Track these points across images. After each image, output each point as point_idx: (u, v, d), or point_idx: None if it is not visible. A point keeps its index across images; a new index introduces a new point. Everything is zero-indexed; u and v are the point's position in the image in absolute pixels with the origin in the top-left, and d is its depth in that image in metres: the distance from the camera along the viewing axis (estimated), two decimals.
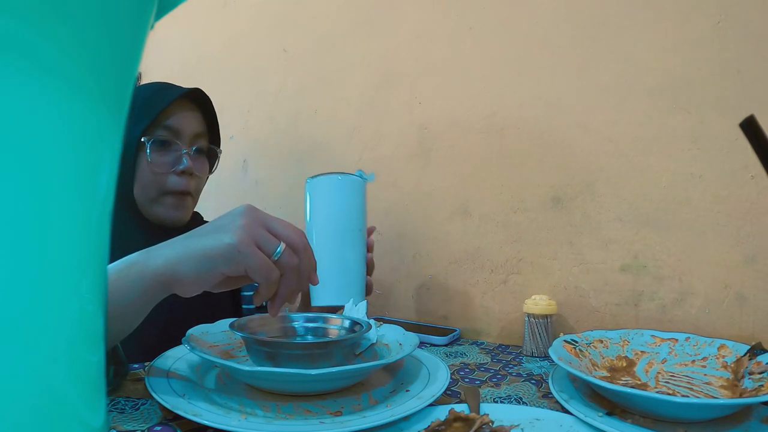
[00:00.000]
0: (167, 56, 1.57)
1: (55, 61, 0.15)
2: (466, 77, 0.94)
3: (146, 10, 0.19)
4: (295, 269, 0.51)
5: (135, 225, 0.76)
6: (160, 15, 0.22)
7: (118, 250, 0.39)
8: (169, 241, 0.51)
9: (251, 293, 0.88)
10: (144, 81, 1.56)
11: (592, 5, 0.81)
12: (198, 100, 0.79)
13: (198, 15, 1.48)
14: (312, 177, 0.73)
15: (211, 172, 0.84)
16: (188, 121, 0.76)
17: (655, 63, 0.76)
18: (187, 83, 0.81)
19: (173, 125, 0.74)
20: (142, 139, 0.72)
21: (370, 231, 0.75)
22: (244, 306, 0.89)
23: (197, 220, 0.87)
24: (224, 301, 0.84)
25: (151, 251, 0.50)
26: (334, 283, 0.69)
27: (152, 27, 0.20)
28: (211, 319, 0.63)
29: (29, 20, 0.14)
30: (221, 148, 0.85)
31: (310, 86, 1.20)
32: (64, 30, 0.15)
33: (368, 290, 0.73)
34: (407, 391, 0.51)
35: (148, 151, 0.72)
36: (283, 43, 1.26)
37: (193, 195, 0.79)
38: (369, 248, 0.74)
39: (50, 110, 0.15)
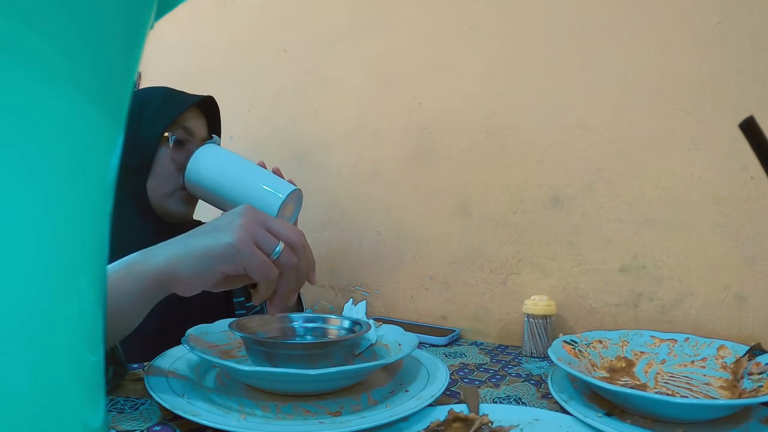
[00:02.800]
0: (167, 56, 1.57)
1: (54, 61, 0.15)
2: (466, 77, 0.94)
3: (146, 10, 0.19)
4: (294, 268, 0.52)
5: (140, 218, 0.78)
6: (160, 15, 0.22)
7: (120, 243, 0.39)
8: (168, 240, 0.51)
9: (242, 299, 0.89)
10: (144, 81, 1.56)
11: (592, 5, 0.81)
12: (205, 108, 0.84)
13: (198, 15, 1.48)
14: (185, 175, 0.76)
15: None
16: (199, 126, 0.82)
17: (655, 63, 0.76)
18: (186, 83, 0.81)
19: (189, 127, 0.79)
20: (166, 134, 0.76)
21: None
22: (237, 312, 0.89)
23: (194, 222, 0.87)
24: (218, 302, 0.84)
25: (150, 251, 0.50)
26: (264, 196, 0.74)
27: (152, 27, 0.20)
28: (205, 320, 0.63)
29: (29, 20, 0.14)
30: None
31: (309, 86, 1.20)
32: (63, 30, 0.15)
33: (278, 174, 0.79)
34: (406, 391, 0.51)
35: (171, 145, 0.76)
36: (283, 43, 1.26)
37: None
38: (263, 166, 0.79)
39: (49, 110, 0.15)
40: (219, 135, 0.88)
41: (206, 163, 0.74)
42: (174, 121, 0.77)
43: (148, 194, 0.78)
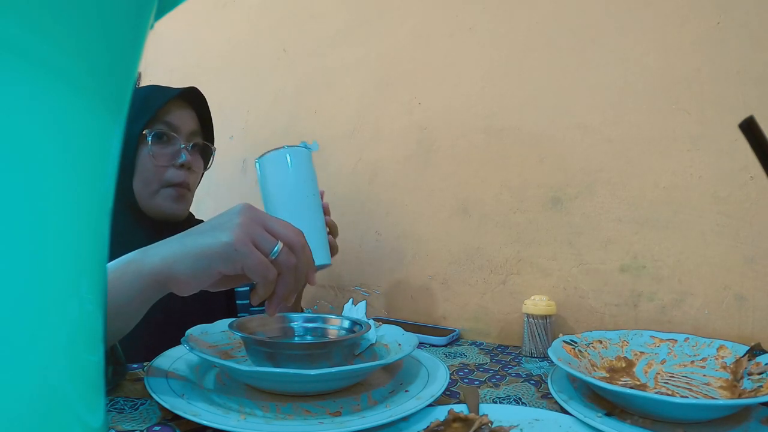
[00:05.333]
0: (167, 56, 1.57)
1: (55, 61, 0.15)
2: (466, 77, 0.94)
3: (146, 10, 0.19)
4: (292, 268, 0.51)
5: (134, 222, 0.77)
6: (160, 15, 0.22)
7: (116, 248, 0.39)
8: (166, 239, 0.50)
9: (247, 288, 0.89)
10: (144, 81, 1.56)
11: (592, 5, 0.81)
12: (192, 100, 0.81)
13: (198, 15, 1.48)
14: (259, 157, 0.74)
15: (206, 168, 0.86)
16: (184, 119, 0.79)
17: (655, 63, 0.76)
18: (186, 83, 0.81)
19: (172, 121, 0.77)
20: (144, 132, 0.74)
21: (321, 195, 0.77)
22: (237, 301, 0.89)
23: (192, 220, 0.87)
24: (219, 301, 0.84)
25: (147, 250, 0.49)
26: None
27: (152, 27, 0.20)
28: (207, 321, 0.63)
29: (29, 20, 0.14)
30: (218, 146, 0.86)
31: (309, 86, 1.20)
32: (63, 30, 0.15)
33: (333, 251, 0.75)
34: (406, 391, 0.51)
35: (149, 142, 0.74)
36: (283, 43, 1.26)
37: (191, 189, 0.81)
38: (326, 211, 0.76)
39: (49, 110, 0.15)
40: (210, 124, 0.86)
41: (281, 166, 0.72)
42: (154, 116, 0.75)
43: (136, 196, 0.76)
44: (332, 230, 0.77)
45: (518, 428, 0.44)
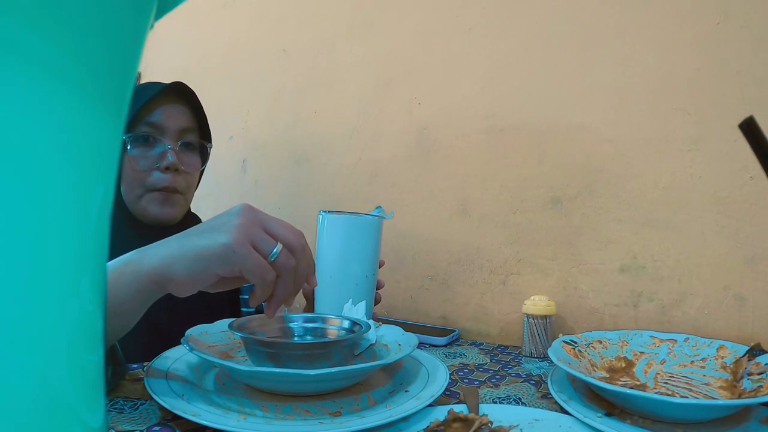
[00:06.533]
0: (167, 56, 1.57)
1: (54, 61, 0.15)
2: (466, 77, 0.94)
3: (146, 10, 0.19)
4: (291, 271, 0.50)
5: (128, 225, 0.75)
6: (160, 15, 0.22)
7: (113, 250, 0.38)
8: (164, 240, 0.50)
9: (251, 309, 0.88)
10: (144, 81, 1.56)
11: (592, 6, 0.81)
12: (183, 95, 0.77)
13: (198, 15, 1.48)
14: (327, 212, 0.69)
15: (202, 167, 0.81)
16: (173, 117, 0.74)
17: (655, 64, 0.76)
18: (186, 83, 0.80)
19: (156, 121, 0.73)
20: (123, 137, 0.71)
21: (381, 264, 0.73)
22: (243, 309, 0.89)
23: (194, 221, 0.86)
24: (222, 302, 0.84)
25: (146, 250, 0.49)
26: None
27: (152, 27, 0.20)
28: (210, 320, 0.63)
29: (29, 20, 0.14)
30: (218, 146, 0.83)
31: (309, 86, 1.20)
32: (63, 30, 0.15)
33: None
34: (406, 391, 0.51)
35: (128, 147, 0.71)
36: (283, 43, 1.26)
37: (183, 192, 0.77)
38: (379, 286, 0.73)
39: (49, 110, 0.15)
40: (205, 119, 0.81)
41: (342, 235, 0.67)
42: (135, 117, 0.71)
43: (123, 199, 0.74)
44: (376, 302, 0.73)
45: (518, 428, 0.44)
